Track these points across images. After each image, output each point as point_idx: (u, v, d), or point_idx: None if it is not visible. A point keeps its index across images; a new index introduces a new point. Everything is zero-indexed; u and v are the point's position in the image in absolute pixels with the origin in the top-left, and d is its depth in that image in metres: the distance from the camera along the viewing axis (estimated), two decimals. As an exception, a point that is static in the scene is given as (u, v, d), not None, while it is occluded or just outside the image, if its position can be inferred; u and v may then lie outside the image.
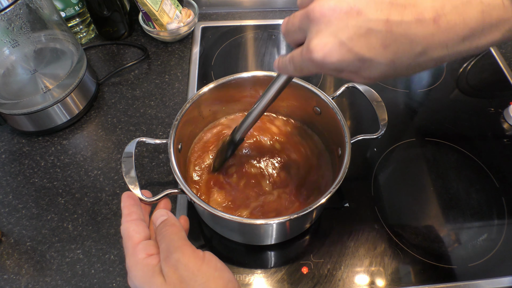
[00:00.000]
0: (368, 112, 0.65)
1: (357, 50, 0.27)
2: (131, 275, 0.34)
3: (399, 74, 0.29)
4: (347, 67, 0.29)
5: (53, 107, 0.60)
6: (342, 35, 0.27)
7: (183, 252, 0.32)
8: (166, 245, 0.33)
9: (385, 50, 0.27)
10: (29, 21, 0.57)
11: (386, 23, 0.26)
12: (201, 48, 0.78)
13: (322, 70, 0.31)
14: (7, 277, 0.49)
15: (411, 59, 0.27)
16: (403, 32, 0.26)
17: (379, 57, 0.27)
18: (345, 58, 0.28)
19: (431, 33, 0.25)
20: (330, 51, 0.28)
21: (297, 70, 0.33)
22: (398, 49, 0.27)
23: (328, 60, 0.28)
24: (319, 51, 0.28)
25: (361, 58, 0.28)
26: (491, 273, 0.50)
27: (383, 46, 0.27)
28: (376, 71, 0.29)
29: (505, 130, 0.65)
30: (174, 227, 0.35)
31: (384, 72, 0.29)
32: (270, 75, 0.54)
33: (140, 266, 0.34)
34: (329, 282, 0.49)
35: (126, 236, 0.36)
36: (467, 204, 0.56)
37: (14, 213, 0.55)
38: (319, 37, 0.28)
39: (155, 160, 0.60)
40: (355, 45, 0.27)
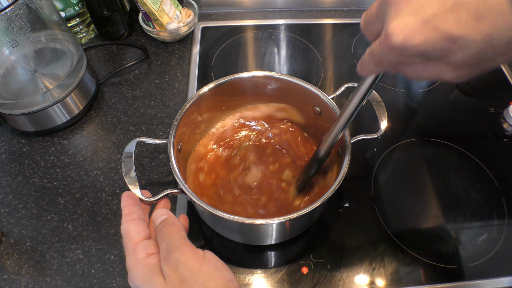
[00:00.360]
0: (368, 112, 0.65)
1: (444, 27, 0.24)
2: (131, 275, 0.34)
3: (499, 54, 0.25)
4: (434, 51, 0.25)
5: (53, 107, 0.60)
6: (425, 12, 0.24)
7: (183, 252, 0.32)
8: (166, 244, 0.33)
9: (479, 23, 0.23)
10: (29, 21, 0.57)
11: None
12: (201, 48, 0.78)
13: (404, 58, 0.27)
14: (7, 277, 0.49)
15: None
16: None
17: (472, 32, 0.23)
18: (431, 38, 0.24)
19: None
20: (412, 32, 0.24)
21: (377, 64, 0.29)
22: (495, 20, 0.23)
23: (410, 42, 0.25)
24: (399, 34, 0.25)
25: (450, 37, 0.24)
26: (491, 273, 0.50)
27: (476, 18, 0.23)
28: (470, 51, 0.24)
29: (505, 130, 0.65)
30: (174, 226, 0.35)
31: (480, 52, 0.24)
32: (270, 75, 0.54)
33: (140, 265, 0.34)
34: (329, 282, 0.49)
35: (126, 235, 0.36)
36: (467, 204, 0.56)
37: (14, 213, 0.55)
38: (399, 18, 0.25)
39: (155, 160, 0.60)
40: (441, 21, 0.24)
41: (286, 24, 0.83)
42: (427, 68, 0.27)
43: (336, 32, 0.82)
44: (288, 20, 0.83)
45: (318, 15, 0.85)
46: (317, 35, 0.81)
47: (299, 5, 0.86)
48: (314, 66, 0.75)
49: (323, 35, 0.81)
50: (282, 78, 0.53)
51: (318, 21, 0.84)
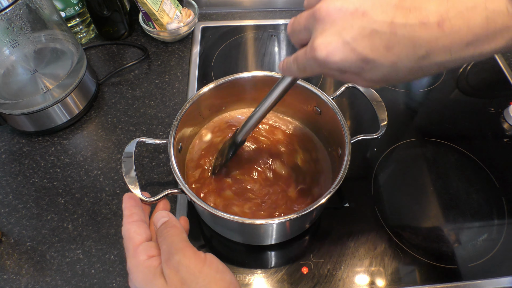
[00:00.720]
0: (368, 112, 0.65)
1: (360, 50, 0.27)
2: (132, 277, 0.34)
3: (401, 77, 0.29)
4: (350, 68, 0.29)
5: (53, 107, 0.60)
6: (346, 35, 0.27)
7: (185, 254, 0.32)
8: (167, 247, 0.33)
9: (388, 52, 0.27)
10: (29, 21, 0.57)
11: (391, 25, 0.26)
12: (201, 48, 0.78)
13: (325, 69, 0.31)
14: (7, 277, 0.49)
15: (414, 62, 0.27)
16: (407, 34, 0.26)
17: (382, 58, 0.27)
18: (348, 58, 0.28)
19: (435, 37, 0.25)
20: (334, 50, 0.28)
21: (301, 70, 0.33)
22: (401, 52, 0.27)
23: (331, 59, 0.28)
24: (322, 50, 0.28)
25: (364, 59, 0.28)
26: (491, 273, 0.50)
27: (387, 47, 0.27)
28: (378, 73, 0.29)
29: (505, 130, 0.65)
30: (175, 228, 0.35)
31: (386, 74, 0.29)
32: (270, 75, 0.54)
33: (141, 268, 0.34)
34: (329, 282, 0.49)
35: (127, 237, 0.36)
36: (467, 204, 0.56)
37: (14, 213, 0.55)
38: (324, 36, 0.28)
39: (155, 160, 0.60)
40: (358, 45, 0.27)
41: (286, 24, 0.83)
42: (343, 77, 0.31)
43: (336, 32, 0.82)
44: (288, 20, 0.83)
45: (318, 15, 0.85)
46: (317, 35, 0.81)
47: (299, 5, 0.86)
48: (314, 66, 0.75)
49: (323, 35, 0.81)
50: (280, 76, 0.53)
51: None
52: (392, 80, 0.30)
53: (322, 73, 0.32)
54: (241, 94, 0.56)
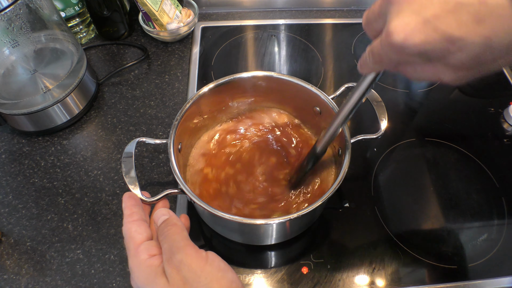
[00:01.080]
0: (368, 112, 0.65)
1: (444, 28, 0.24)
2: (134, 276, 0.34)
3: (497, 57, 0.25)
4: (433, 51, 0.25)
5: (53, 107, 0.60)
6: (426, 12, 0.24)
7: (186, 253, 0.32)
8: (169, 245, 0.33)
9: (479, 26, 0.23)
10: (29, 21, 0.57)
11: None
12: (201, 48, 0.78)
13: (404, 56, 0.27)
14: (7, 277, 0.49)
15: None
16: (499, 2, 0.22)
17: (472, 34, 0.24)
18: (431, 38, 0.24)
19: None
20: (413, 31, 0.25)
21: (377, 62, 0.30)
22: (495, 23, 0.23)
23: (411, 41, 0.25)
24: (400, 32, 0.25)
25: (450, 38, 0.24)
26: (491, 273, 0.50)
27: (477, 20, 0.23)
28: (469, 54, 0.25)
29: (505, 130, 0.65)
30: (176, 226, 0.35)
31: (479, 54, 0.25)
32: (270, 75, 0.54)
33: (143, 267, 0.33)
34: (329, 282, 0.49)
35: (128, 237, 0.36)
36: (467, 204, 0.56)
37: (14, 213, 0.55)
38: (400, 17, 0.25)
39: (155, 160, 0.60)
40: (442, 22, 0.24)
41: (286, 24, 0.83)
42: (426, 68, 0.28)
43: (336, 32, 0.82)
44: (288, 20, 0.83)
45: (318, 15, 0.85)
46: (317, 35, 0.81)
47: (299, 5, 0.86)
48: (314, 66, 0.75)
49: (323, 35, 0.81)
50: (282, 78, 0.53)
51: (318, 21, 0.84)
52: (487, 63, 0.26)
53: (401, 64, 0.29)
54: (241, 94, 0.56)
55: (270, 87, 0.55)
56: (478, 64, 0.26)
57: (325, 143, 0.45)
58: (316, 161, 0.48)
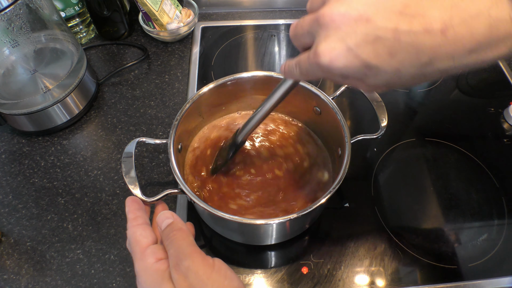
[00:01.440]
0: (368, 112, 0.65)
1: (364, 56, 0.27)
2: (141, 280, 0.34)
3: (404, 83, 0.29)
4: (353, 74, 0.29)
5: (53, 107, 0.60)
6: (350, 41, 0.27)
7: (193, 260, 0.32)
8: (175, 251, 0.33)
9: (391, 59, 0.27)
10: (29, 21, 0.57)
11: (394, 31, 0.26)
12: (201, 48, 0.78)
13: (328, 75, 0.31)
14: (7, 277, 0.49)
15: (417, 68, 0.27)
16: (410, 41, 0.26)
17: (385, 65, 0.27)
18: (352, 64, 0.28)
19: (438, 44, 0.26)
20: (337, 56, 0.28)
21: (303, 74, 0.33)
22: (404, 58, 0.27)
23: (335, 65, 0.28)
24: (326, 56, 0.29)
25: (368, 65, 0.28)
26: (491, 273, 0.50)
27: (390, 54, 0.27)
28: (381, 79, 0.29)
29: (505, 130, 0.65)
30: (182, 231, 0.35)
31: (389, 80, 0.29)
32: (270, 75, 0.54)
33: (149, 271, 0.33)
34: (329, 282, 0.49)
35: (134, 240, 0.36)
36: (467, 204, 0.56)
37: (14, 213, 0.55)
38: (327, 41, 0.28)
39: (155, 160, 0.60)
40: (362, 51, 0.27)
41: (286, 24, 0.83)
42: (345, 82, 0.32)
43: (336, 32, 0.82)
44: (288, 20, 0.83)
45: (318, 15, 0.85)
46: (317, 35, 0.81)
47: (299, 5, 0.86)
48: (314, 66, 0.75)
49: (323, 35, 0.81)
50: (282, 78, 0.53)
51: (318, 21, 0.83)
52: (395, 86, 0.30)
53: (324, 77, 0.33)
54: (241, 94, 0.56)
55: (270, 87, 0.55)
56: (388, 86, 0.30)
57: (244, 135, 0.48)
58: (236, 150, 0.50)
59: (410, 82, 0.29)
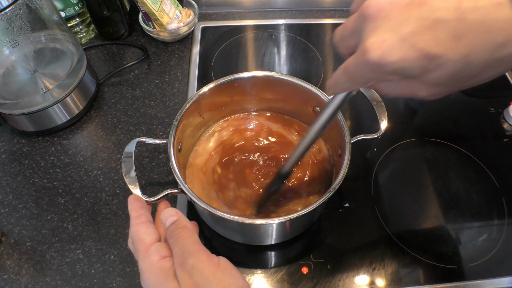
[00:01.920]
0: (368, 112, 0.65)
1: (422, 45, 0.23)
2: (145, 278, 0.34)
3: (476, 75, 0.25)
4: (411, 68, 0.25)
5: (53, 107, 0.60)
6: (403, 29, 0.23)
7: (198, 258, 0.32)
8: (180, 249, 0.33)
9: (457, 43, 0.23)
10: (29, 21, 0.57)
11: (457, 10, 0.22)
12: (201, 48, 0.78)
13: (380, 74, 0.26)
14: (7, 277, 0.49)
15: (491, 52, 0.23)
16: (479, 18, 0.22)
17: (450, 52, 0.23)
18: (408, 56, 0.24)
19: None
20: (390, 49, 0.24)
21: (351, 80, 0.29)
22: (473, 41, 0.23)
23: (388, 59, 0.24)
24: (376, 50, 0.24)
25: (428, 55, 0.23)
26: (491, 273, 0.50)
27: (455, 38, 0.23)
28: (447, 71, 0.24)
29: (505, 130, 0.65)
30: (187, 229, 0.34)
31: (456, 71, 0.24)
32: (270, 75, 0.54)
33: (154, 269, 0.33)
34: (329, 282, 0.49)
35: (137, 238, 0.36)
36: (467, 204, 0.56)
37: (14, 213, 0.55)
38: (377, 34, 0.24)
39: (155, 160, 0.60)
40: (419, 39, 0.23)
41: (286, 24, 0.83)
42: (401, 85, 0.27)
43: (336, 32, 0.82)
44: (288, 20, 0.83)
45: (318, 15, 0.85)
46: (317, 35, 0.81)
47: (299, 5, 0.86)
48: (314, 66, 0.75)
49: (323, 35, 0.81)
50: (282, 78, 0.53)
51: (318, 21, 0.84)
52: (464, 80, 0.25)
53: (378, 81, 0.28)
54: (241, 94, 0.56)
55: (270, 87, 0.55)
56: (455, 81, 0.25)
57: (292, 164, 0.44)
58: (282, 182, 0.47)
59: (483, 72, 0.24)
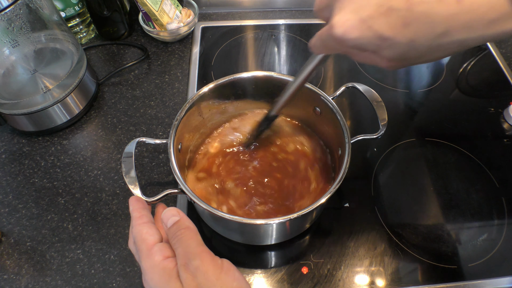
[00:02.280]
0: (368, 112, 0.65)
1: (377, 28, 0.28)
2: (147, 278, 0.34)
3: (422, 56, 0.29)
4: (367, 45, 0.29)
5: (53, 107, 0.60)
6: (363, 13, 0.28)
7: (202, 260, 0.32)
8: (183, 250, 0.33)
9: (405, 29, 0.27)
10: (29, 21, 0.57)
11: (407, 1, 0.26)
12: (201, 48, 0.78)
13: (343, 47, 0.31)
14: (7, 277, 0.49)
15: (432, 39, 0.27)
16: (424, 10, 0.26)
17: (399, 36, 0.28)
18: (365, 35, 0.28)
19: (453, 12, 0.25)
20: (351, 28, 0.29)
21: (324, 47, 0.34)
22: (418, 28, 0.27)
23: (348, 36, 0.29)
24: (340, 27, 0.29)
25: (381, 36, 0.28)
26: (491, 273, 0.50)
27: (403, 24, 0.27)
28: (396, 51, 0.29)
29: (505, 130, 0.65)
30: (189, 230, 0.34)
31: (404, 52, 0.29)
32: (270, 75, 0.54)
33: (157, 269, 0.33)
34: (329, 282, 0.49)
35: (140, 239, 0.35)
36: (467, 204, 0.56)
37: (14, 213, 0.55)
38: (342, 13, 0.29)
39: (155, 160, 0.60)
40: (375, 22, 0.28)
41: (286, 24, 0.83)
42: (364, 56, 0.32)
43: (336, 32, 0.82)
44: (288, 20, 0.83)
45: (318, 15, 0.85)
46: (317, 35, 0.81)
47: (299, 5, 0.86)
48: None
49: (323, 35, 0.81)
50: (282, 78, 0.53)
51: (318, 21, 0.83)
52: (412, 59, 0.30)
53: (342, 51, 0.33)
54: (241, 94, 0.56)
55: (270, 87, 0.55)
56: (405, 59, 0.30)
57: (278, 108, 0.49)
58: (269, 123, 0.53)
59: (428, 55, 0.29)
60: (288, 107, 0.58)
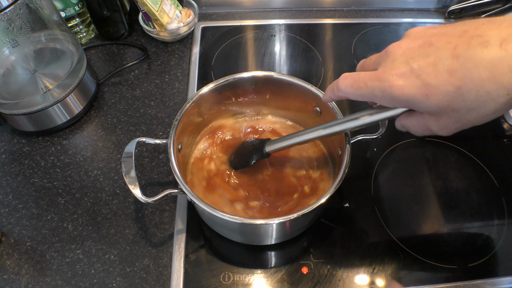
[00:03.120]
0: (368, 112, 0.65)
1: (424, 76, 0.30)
2: None
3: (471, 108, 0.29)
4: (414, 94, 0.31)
5: (53, 107, 0.60)
6: (413, 63, 0.30)
7: None
8: None
9: (451, 76, 0.28)
10: (29, 21, 0.57)
11: (453, 50, 0.28)
12: (201, 48, 0.78)
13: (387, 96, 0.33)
14: (7, 277, 0.49)
15: (479, 85, 0.28)
16: (469, 57, 0.27)
17: (445, 83, 0.29)
18: (412, 83, 0.30)
19: (497, 56, 0.26)
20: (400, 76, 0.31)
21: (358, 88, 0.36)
22: (464, 75, 0.28)
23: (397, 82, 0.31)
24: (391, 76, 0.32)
25: (428, 84, 0.30)
26: (491, 273, 0.50)
27: (449, 72, 0.28)
28: (443, 98, 0.30)
29: (505, 130, 0.65)
30: None
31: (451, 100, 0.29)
32: (270, 75, 0.54)
33: None
34: (329, 282, 0.49)
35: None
36: (467, 204, 0.56)
37: (14, 213, 0.55)
38: (393, 64, 0.32)
39: (155, 160, 0.60)
40: (423, 71, 0.30)
41: (286, 24, 0.83)
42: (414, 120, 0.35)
43: (336, 32, 0.82)
44: (288, 20, 0.83)
45: (318, 15, 0.85)
46: (317, 35, 0.81)
47: (299, 5, 0.86)
48: (314, 66, 0.75)
49: (323, 35, 0.81)
50: (282, 78, 0.53)
51: (318, 21, 0.84)
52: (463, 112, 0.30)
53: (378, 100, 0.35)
54: (241, 94, 0.56)
55: (270, 87, 0.55)
56: (453, 110, 0.31)
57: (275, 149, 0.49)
58: (260, 158, 0.51)
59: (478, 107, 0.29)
60: (288, 107, 0.58)
